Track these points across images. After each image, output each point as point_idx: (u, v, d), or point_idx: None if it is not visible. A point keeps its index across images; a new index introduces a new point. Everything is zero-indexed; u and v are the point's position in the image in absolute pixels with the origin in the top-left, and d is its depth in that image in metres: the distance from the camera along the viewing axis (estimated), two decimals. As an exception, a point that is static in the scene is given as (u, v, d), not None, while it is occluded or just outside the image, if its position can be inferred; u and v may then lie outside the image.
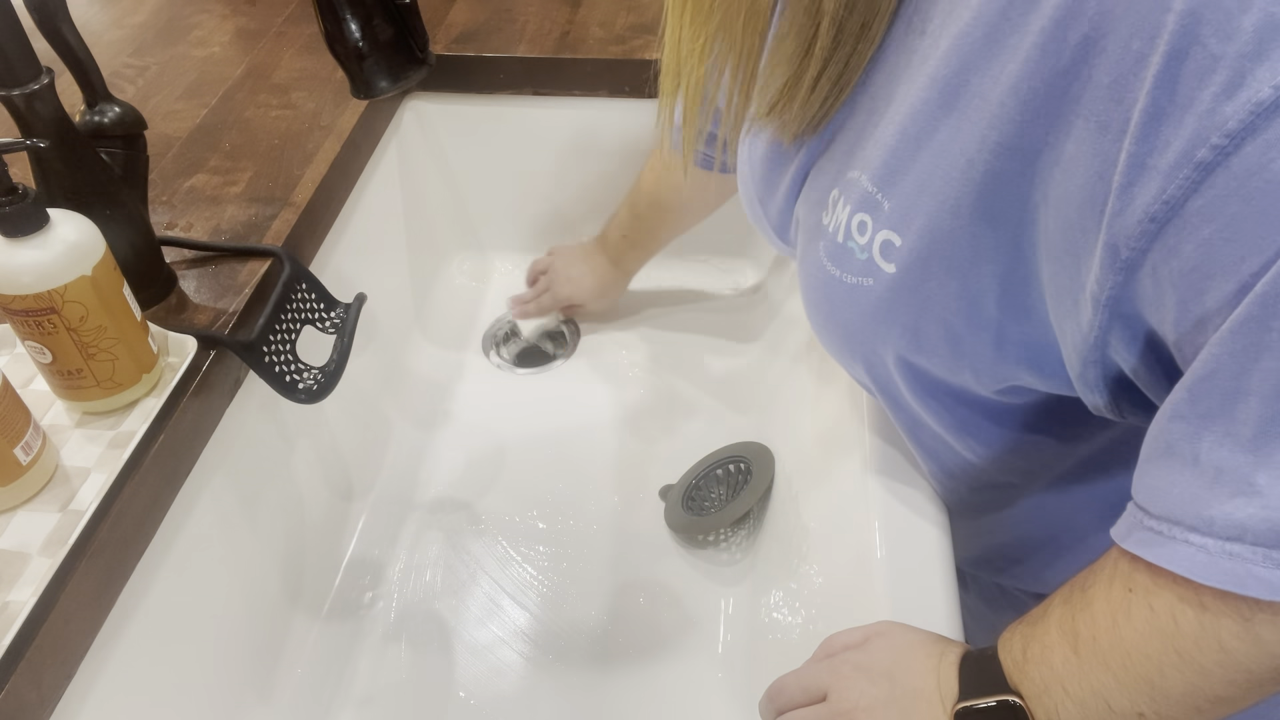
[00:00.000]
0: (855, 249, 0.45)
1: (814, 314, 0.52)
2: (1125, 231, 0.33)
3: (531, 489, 0.90)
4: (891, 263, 0.43)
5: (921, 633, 0.51)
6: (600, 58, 0.96)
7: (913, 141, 0.41)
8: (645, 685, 0.76)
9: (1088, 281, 0.36)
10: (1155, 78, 0.31)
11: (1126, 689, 0.38)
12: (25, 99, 0.54)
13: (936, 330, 0.44)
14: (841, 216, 0.46)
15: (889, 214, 0.43)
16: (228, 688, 0.69)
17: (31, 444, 0.53)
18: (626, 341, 1.05)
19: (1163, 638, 0.37)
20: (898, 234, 0.42)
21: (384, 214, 0.97)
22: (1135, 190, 0.32)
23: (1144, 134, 0.31)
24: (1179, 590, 0.36)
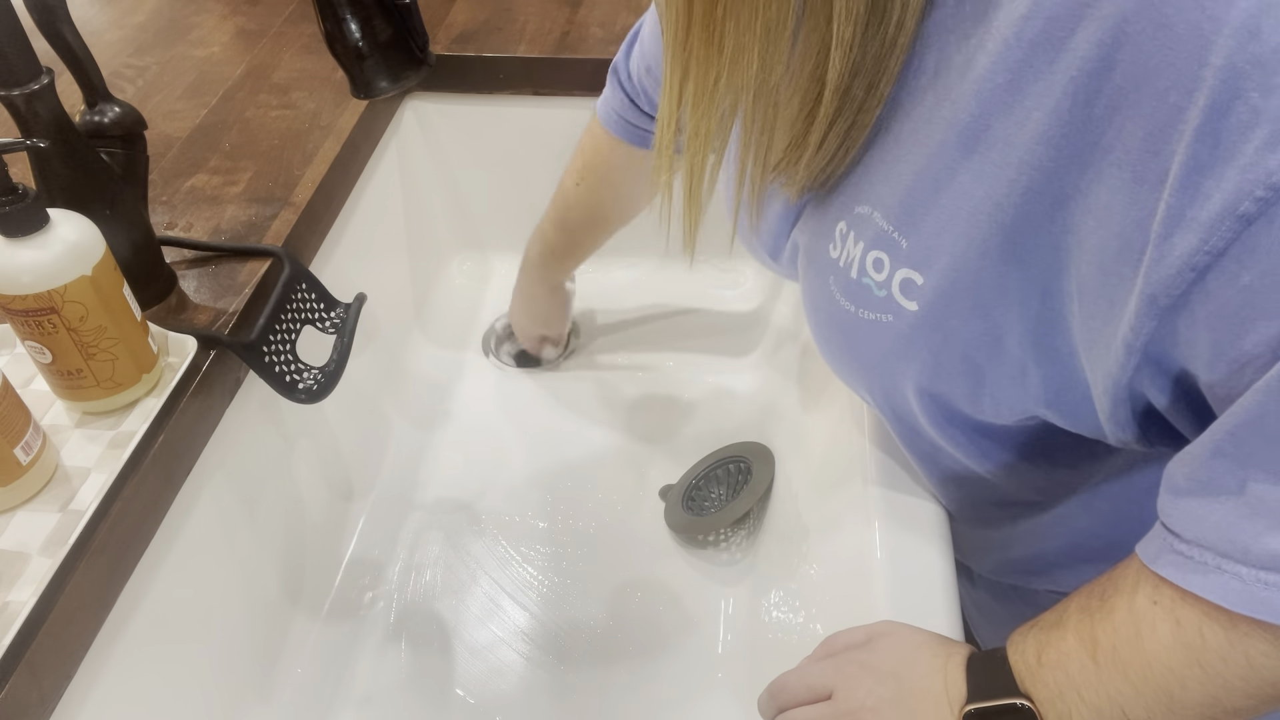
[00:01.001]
0: (872, 285, 0.45)
1: (826, 346, 0.52)
2: (1164, 280, 0.33)
3: (531, 489, 0.90)
4: (914, 300, 0.43)
5: (926, 633, 0.51)
6: (600, 58, 0.96)
7: (931, 183, 0.41)
8: (645, 685, 0.76)
9: (1121, 327, 0.36)
10: (1195, 131, 0.31)
11: (1144, 699, 0.39)
12: (25, 99, 0.54)
13: (958, 365, 0.44)
14: (854, 252, 0.45)
15: (908, 252, 0.42)
16: (228, 687, 0.69)
17: (31, 444, 0.53)
18: (626, 341, 1.05)
19: (1187, 651, 0.37)
20: (919, 273, 0.42)
21: (384, 214, 0.97)
22: (1175, 240, 0.32)
23: (1183, 186, 0.32)
24: (1206, 608, 0.36)
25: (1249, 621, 0.35)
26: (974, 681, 0.45)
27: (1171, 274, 0.33)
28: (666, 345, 1.04)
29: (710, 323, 1.07)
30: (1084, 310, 0.38)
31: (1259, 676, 0.36)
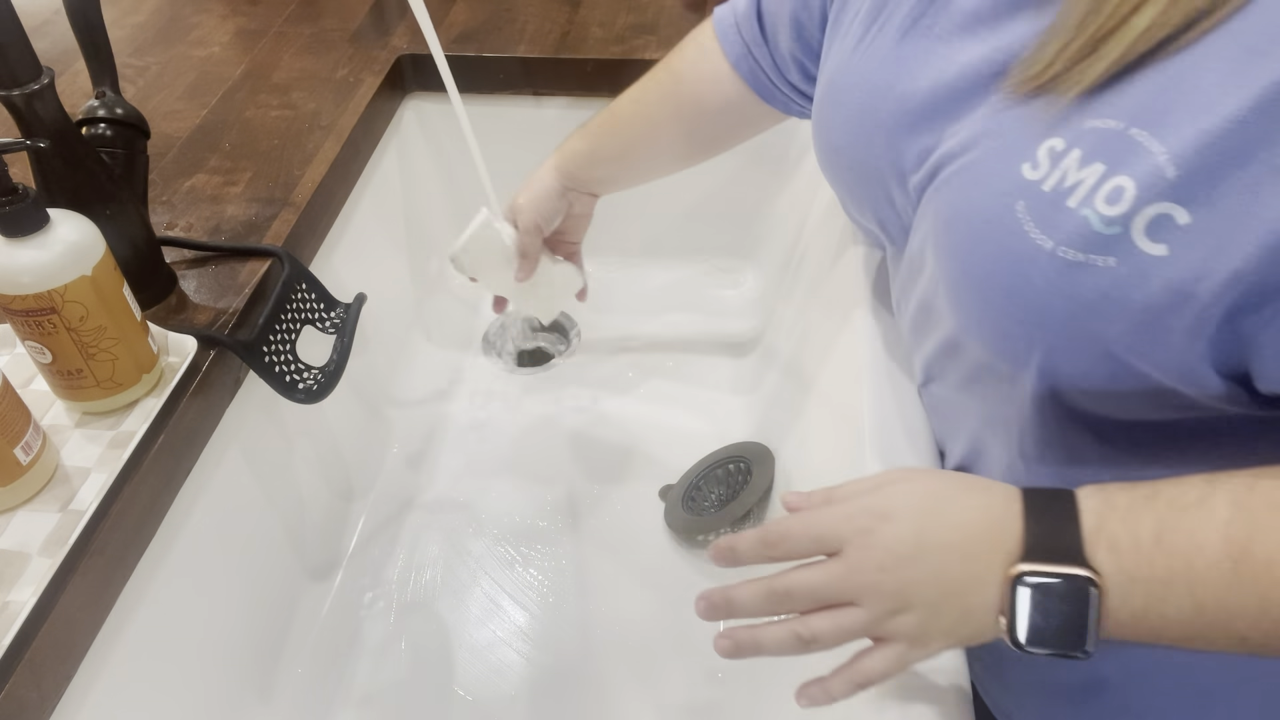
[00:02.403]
0: (1094, 219, 0.37)
1: (978, 288, 0.43)
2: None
3: (531, 489, 0.90)
4: (1163, 243, 0.36)
5: (951, 475, 0.44)
6: (600, 58, 0.96)
7: (1247, 107, 0.34)
8: (645, 685, 0.76)
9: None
10: None
11: (1265, 618, 0.36)
12: (25, 99, 0.54)
13: (1173, 333, 0.37)
14: (1075, 175, 0.38)
15: (1176, 182, 0.35)
16: (228, 687, 0.69)
17: (31, 444, 0.53)
18: (626, 341, 1.05)
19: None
20: (1186, 209, 0.35)
21: (384, 214, 0.97)
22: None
23: None
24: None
25: None
26: (1034, 531, 0.39)
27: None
28: (666, 344, 1.04)
29: (711, 322, 1.07)
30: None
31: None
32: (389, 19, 1.04)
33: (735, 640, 0.44)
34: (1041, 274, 0.39)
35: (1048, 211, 0.39)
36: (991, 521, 0.40)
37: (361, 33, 1.01)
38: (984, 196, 0.42)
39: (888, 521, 0.42)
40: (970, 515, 0.41)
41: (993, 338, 0.44)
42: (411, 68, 0.98)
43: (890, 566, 0.41)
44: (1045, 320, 0.40)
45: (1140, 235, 0.36)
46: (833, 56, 0.55)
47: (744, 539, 0.46)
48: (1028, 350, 0.42)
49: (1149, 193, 0.36)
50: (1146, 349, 0.38)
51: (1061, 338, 0.40)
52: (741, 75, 0.68)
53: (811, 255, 0.90)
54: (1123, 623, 0.38)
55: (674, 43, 0.97)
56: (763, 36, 0.66)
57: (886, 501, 0.42)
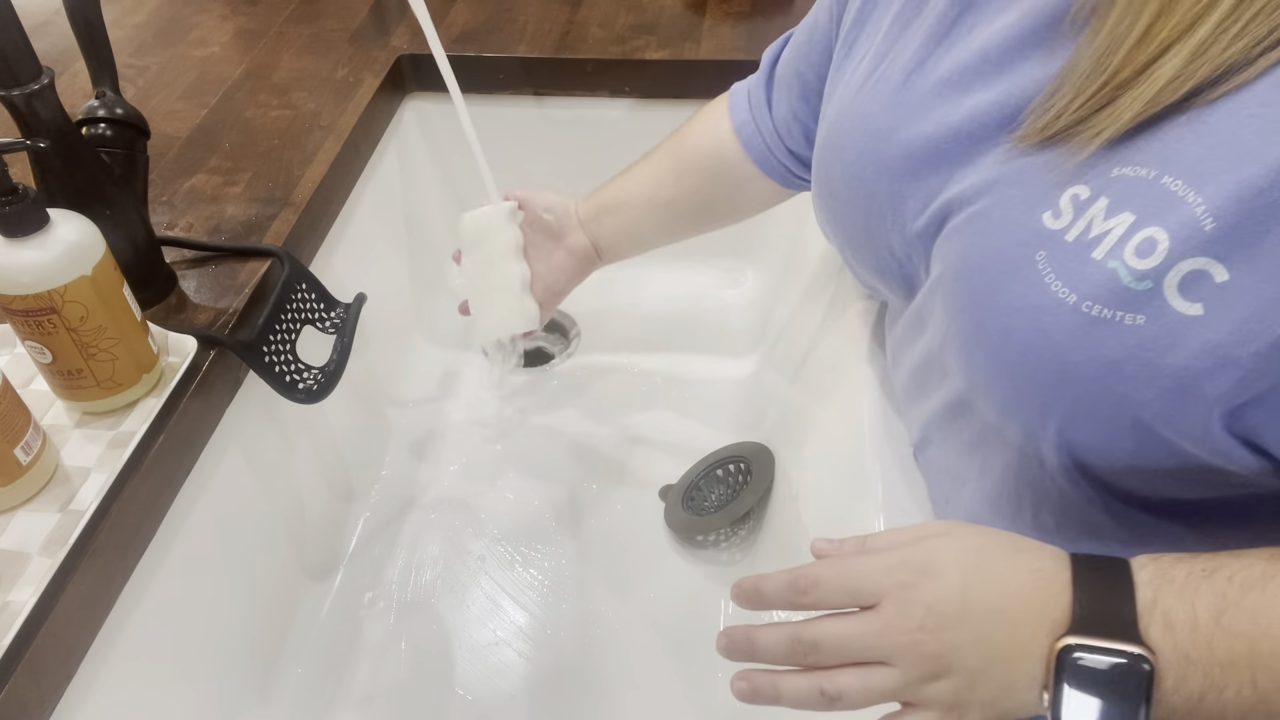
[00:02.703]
0: (1123, 272, 0.35)
1: (994, 345, 0.40)
2: None
3: (531, 489, 0.90)
4: (1198, 302, 0.33)
5: (997, 533, 0.40)
6: (600, 58, 0.96)
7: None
8: (645, 685, 0.76)
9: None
10: None
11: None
12: (25, 99, 0.54)
13: (1208, 403, 0.35)
14: (1102, 226, 0.36)
15: (1213, 235, 0.33)
16: (228, 687, 0.69)
17: (31, 444, 0.53)
18: (626, 341, 1.05)
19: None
20: (1224, 266, 0.33)
21: (384, 214, 0.97)
22: None
23: None
24: None
25: None
26: (1084, 604, 0.36)
27: None
28: (667, 345, 1.04)
29: (711, 323, 1.07)
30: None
31: None
32: (389, 19, 1.04)
33: (753, 685, 0.41)
34: (1064, 330, 0.36)
35: (1071, 263, 0.36)
36: (1041, 587, 0.37)
37: (361, 33, 1.01)
38: (1000, 245, 0.39)
39: (931, 578, 0.38)
40: (1020, 579, 0.37)
41: (1007, 399, 0.41)
42: (411, 68, 0.98)
43: (931, 627, 0.37)
44: (1066, 381, 0.37)
45: (1173, 292, 0.34)
46: (835, 101, 0.53)
47: (771, 581, 0.42)
48: (1045, 414, 0.39)
49: (1184, 246, 0.33)
50: (1177, 418, 0.35)
51: (1083, 402, 0.37)
52: (742, 141, 0.68)
53: (811, 256, 0.90)
54: (1177, 707, 0.35)
55: (674, 43, 0.97)
56: (767, 101, 0.66)
57: (930, 555, 0.39)
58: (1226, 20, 0.33)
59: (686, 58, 0.95)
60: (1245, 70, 0.33)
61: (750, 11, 1.02)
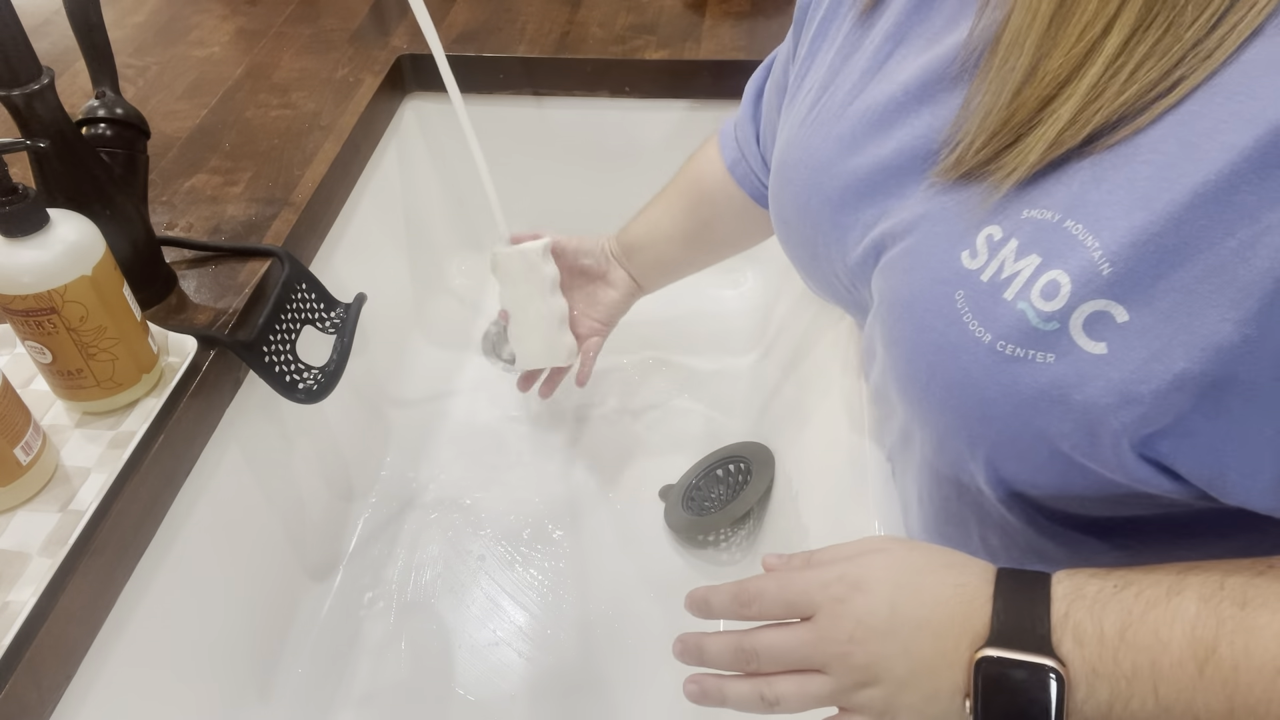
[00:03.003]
0: (1031, 314, 0.36)
1: (922, 379, 0.41)
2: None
3: (531, 489, 0.90)
4: (1102, 341, 0.35)
5: (929, 549, 0.43)
6: (600, 58, 0.96)
7: (1184, 202, 0.33)
8: (645, 685, 0.76)
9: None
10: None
11: (1231, 717, 0.34)
12: (25, 99, 0.54)
13: (1118, 435, 0.36)
14: (1012, 267, 0.37)
15: (1111, 279, 0.34)
16: (228, 687, 0.69)
17: (31, 444, 0.53)
18: (626, 342, 1.05)
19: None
20: (1124, 307, 0.34)
21: (384, 214, 0.97)
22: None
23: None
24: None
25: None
26: (1002, 618, 0.38)
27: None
28: (667, 345, 1.04)
29: (710, 323, 1.07)
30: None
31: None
32: (389, 19, 1.04)
33: (702, 688, 0.45)
34: (981, 367, 0.38)
35: (986, 303, 0.38)
36: (964, 600, 0.39)
37: (361, 33, 1.01)
38: (924, 284, 0.40)
39: (862, 592, 0.41)
40: (946, 592, 0.39)
41: (938, 432, 0.42)
42: (411, 68, 0.98)
43: (860, 638, 0.40)
44: (988, 417, 0.39)
45: (1079, 332, 0.35)
46: (785, 131, 0.54)
47: (719, 593, 0.46)
48: (973, 447, 0.41)
49: (1085, 289, 0.35)
50: (1091, 450, 0.37)
51: (1005, 435, 0.39)
52: (736, 180, 0.71)
53: (811, 255, 0.90)
54: (1089, 717, 0.36)
55: (674, 43, 0.97)
56: (755, 137, 0.68)
57: (863, 571, 0.42)
58: (1115, 62, 0.34)
59: (686, 58, 0.95)
60: (1140, 116, 0.34)
61: (750, 11, 1.02)
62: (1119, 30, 0.34)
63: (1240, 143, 0.31)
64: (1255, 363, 0.32)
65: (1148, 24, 0.33)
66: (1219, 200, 0.32)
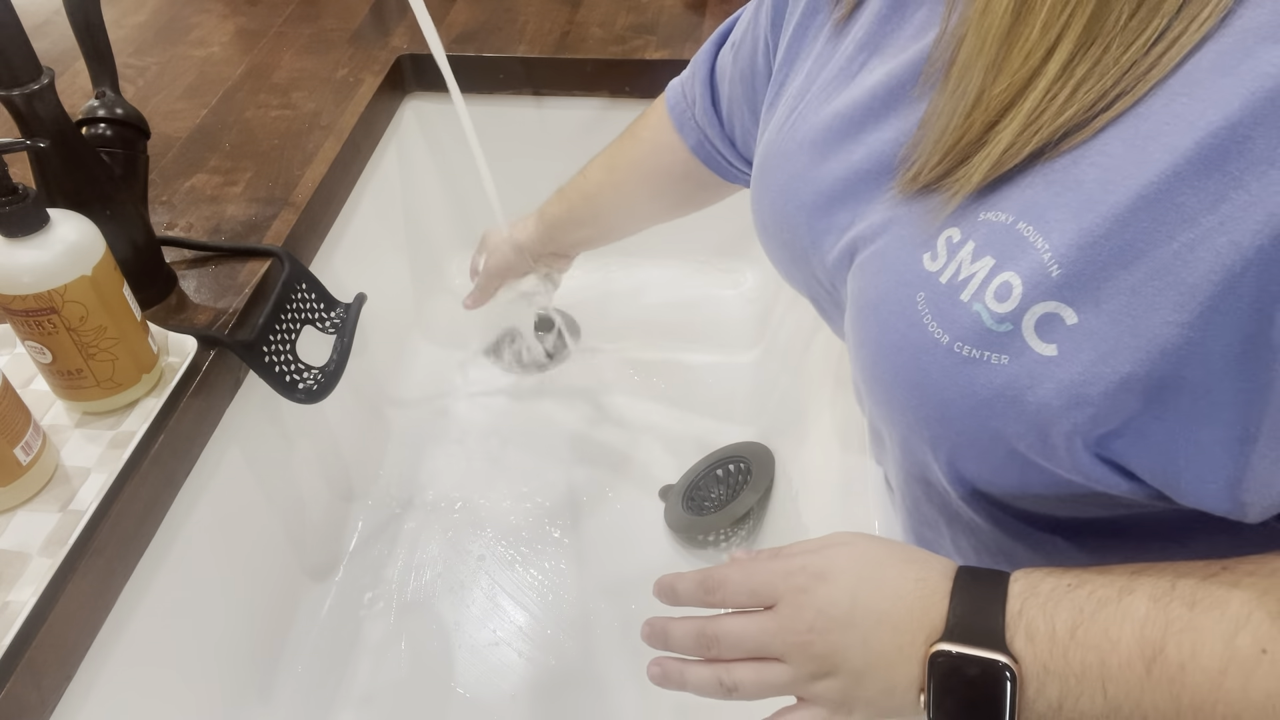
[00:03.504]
0: (986, 315, 0.36)
1: (885, 379, 0.42)
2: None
3: (531, 489, 0.90)
4: (1052, 344, 0.35)
5: (891, 544, 0.43)
6: (600, 58, 0.96)
7: (1129, 204, 0.33)
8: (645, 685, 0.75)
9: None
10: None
11: (1177, 717, 0.35)
12: (25, 99, 0.54)
13: (1068, 436, 0.36)
14: (969, 269, 0.37)
15: (1060, 281, 0.34)
16: (228, 687, 0.69)
17: (31, 444, 0.53)
18: (626, 342, 1.05)
19: (1273, 713, 0.33)
20: (1073, 309, 0.34)
21: (384, 214, 0.97)
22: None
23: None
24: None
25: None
26: (957, 611, 0.39)
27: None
28: (666, 345, 1.04)
29: (710, 323, 1.07)
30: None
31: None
32: (389, 19, 1.04)
33: (664, 671, 0.46)
34: (939, 368, 0.38)
35: (944, 305, 0.38)
36: (923, 595, 0.40)
37: (361, 33, 1.01)
38: (889, 286, 0.41)
39: (825, 582, 0.41)
40: (906, 587, 0.40)
41: (902, 433, 0.43)
42: (411, 68, 0.98)
43: (821, 628, 0.41)
44: (946, 418, 0.39)
45: (1031, 334, 0.35)
46: (765, 136, 0.55)
47: (685, 579, 0.47)
48: (935, 448, 0.42)
49: (1035, 291, 0.35)
50: (1046, 450, 0.37)
51: (965, 436, 0.39)
52: (699, 159, 0.70)
53: (811, 255, 0.90)
54: (1041, 713, 0.37)
55: (674, 43, 0.97)
56: (718, 119, 0.67)
57: (826, 563, 0.42)
58: (1054, 87, 0.34)
59: (686, 58, 0.94)
60: (1085, 129, 0.34)
61: (750, 11, 1.02)
62: (1058, 56, 0.34)
63: (1181, 145, 0.31)
64: (1201, 364, 0.32)
65: (1086, 47, 0.33)
66: (1161, 202, 0.32)
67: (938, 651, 0.38)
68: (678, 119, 0.70)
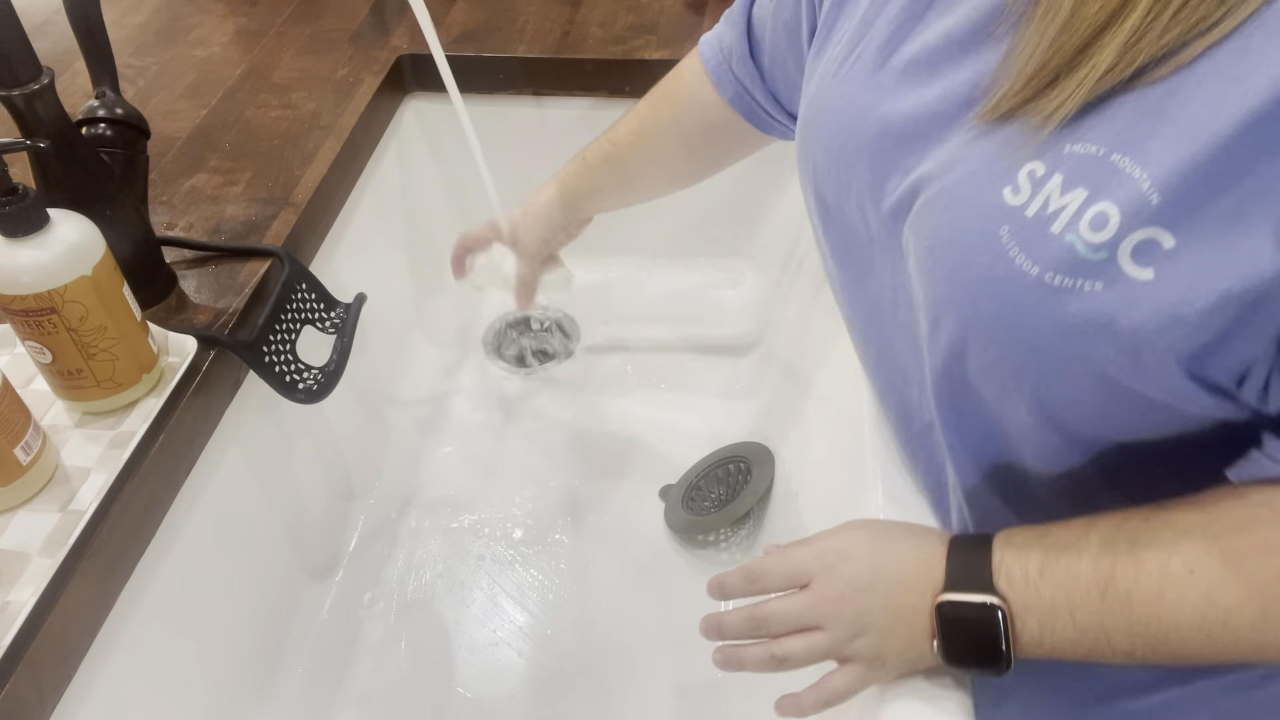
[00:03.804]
0: (1080, 245, 0.38)
1: (965, 313, 0.43)
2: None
3: (531, 489, 0.90)
4: (1149, 268, 0.36)
5: (896, 522, 0.51)
6: (600, 58, 0.96)
7: (1233, 133, 0.34)
8: (645, 685, 0.76)
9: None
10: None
11: (1135, 636, 0.41)
12: (25, 99, 0.54)
13: (1163, 359, 0.38)
14: (1058, 201, 0.38)
15: (1160, 208, 0.36)
16: (228, 687, 0.69)
17: (31, 444, 0.53)
18: (626, 342, 1.05)
19: (1204, 623, 0.40)
20: (1171, 234, 0.36)
21: (384, 214, 0.97)
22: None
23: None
24: (1248, 595, 0.39)
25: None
26: (953, 570, 0.45)
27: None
28: (666, 345, 1.04)
29: (711, 322, 1.07)
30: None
31: (1258, 655, 0.39)
32: (389, 19, 1.04)
33: (725, 657, 0.52)
34: (1030, 299, 0.39)
35: (1033, 237, 0.39)
36: (926, 559, 0.46)
37: (361, 33, 1.01)
38: (967, 221, 0.42)
39: (847, 560, 0.48)
40: (913, 554, 0.47)
41: (984, 364, 0.44)
42: (411, 68, 0.98)
43: (849, 596, 0.47)
44: (1035, 347, 0.40)
45: (1127, 260, 0.37)
46: (815, 81, 0.55)
47: (731, 575, 0.53)
48: (1019, 377, 0.43)
49: (1134, 219, 0.36)
50: (1136, 372, 0.39)
51: (1053, 364, 0.41)
52: (738, 111, 0.70)
53: (812, 256, 0.90)
54: (1027, 645, 0.43)
55: (674, 43, 0.97)
56: (758, 70, 0.67)
57: (846, 544, 0.49)
58: (1155, 6, 0.35)
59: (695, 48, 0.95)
60: (1182, 53, 0.35)
61: (750, 11, 1.02)
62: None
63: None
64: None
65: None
66: (1265, 128, 0.33)
67: (941, 602, 0.45)
68: (715, 72, 0.70)
